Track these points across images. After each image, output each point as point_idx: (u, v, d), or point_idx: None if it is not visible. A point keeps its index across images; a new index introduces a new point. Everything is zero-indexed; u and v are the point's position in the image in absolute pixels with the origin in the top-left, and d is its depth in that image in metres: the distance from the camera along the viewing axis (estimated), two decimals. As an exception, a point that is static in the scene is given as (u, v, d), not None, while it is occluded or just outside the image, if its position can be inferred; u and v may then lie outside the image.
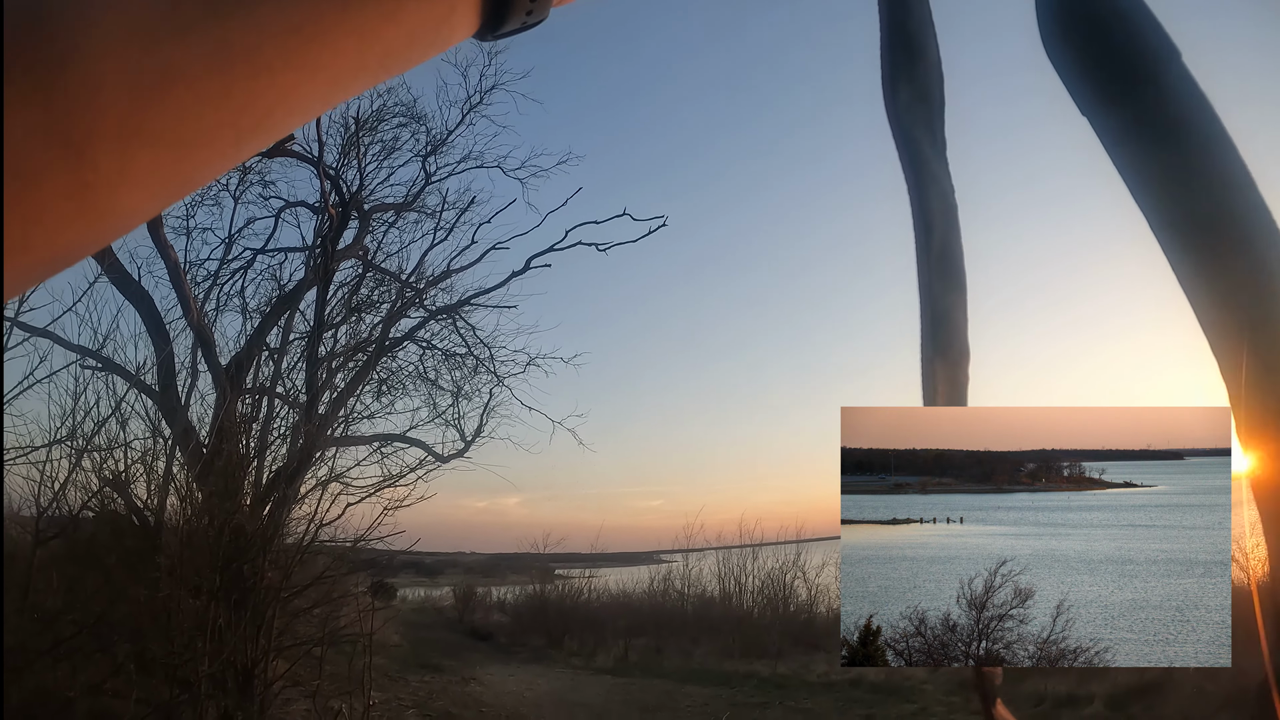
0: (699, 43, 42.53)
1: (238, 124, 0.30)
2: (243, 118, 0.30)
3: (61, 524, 5.83)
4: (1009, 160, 43.01)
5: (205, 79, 0.29)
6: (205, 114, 0.29)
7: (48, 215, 0.26)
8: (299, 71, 0.31)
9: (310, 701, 6.65)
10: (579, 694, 9.94)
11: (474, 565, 35.03)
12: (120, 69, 0.27)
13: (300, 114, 0.33)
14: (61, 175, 0.26)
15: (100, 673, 5.43)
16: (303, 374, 10.64)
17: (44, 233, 0.27)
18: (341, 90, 0.34)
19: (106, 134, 0.27)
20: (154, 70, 0.27)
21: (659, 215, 12.24)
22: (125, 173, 0.28)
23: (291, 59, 0.31)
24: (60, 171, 0.26)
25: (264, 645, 6.30)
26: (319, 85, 0.32)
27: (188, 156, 0.30)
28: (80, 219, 0.28)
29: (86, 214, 0.28)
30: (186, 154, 0.29)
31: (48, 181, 0.26)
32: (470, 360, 12.72)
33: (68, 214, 0.27)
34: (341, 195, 11.18)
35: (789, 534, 15.86)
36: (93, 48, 0.26)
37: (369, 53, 0.33)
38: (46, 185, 0.26)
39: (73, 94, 0.26)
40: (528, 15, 0.39)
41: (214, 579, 5.98)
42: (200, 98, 0.29)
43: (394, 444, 11.70)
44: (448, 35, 0.36)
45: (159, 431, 7.76)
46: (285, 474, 8.31)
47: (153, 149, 0.28)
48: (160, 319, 9.29)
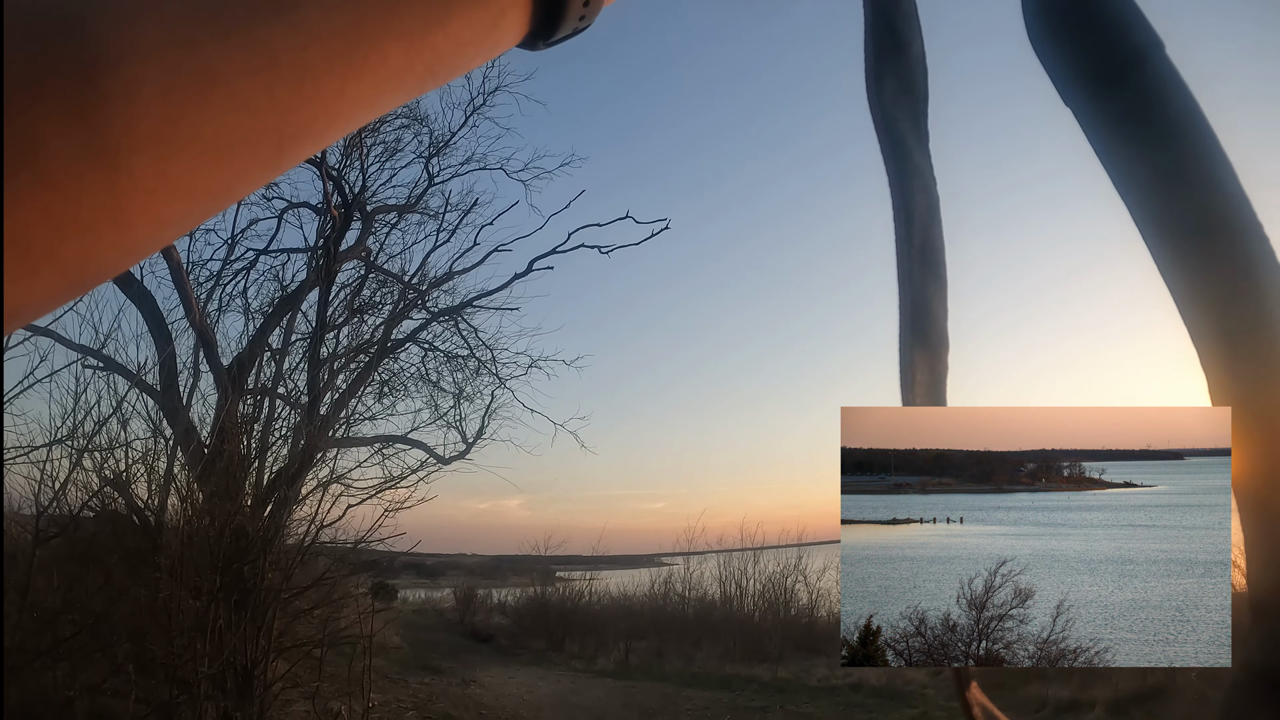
0: (702, 44, 42.59)
1: (280, 131, 0.29)
2: (285, 124, 0.29)
3: (62, 523, 5.83)
4: (1003, 157, 43.00)
5: (246, 84, 0.27)
6: (246, 120, 0.28)
7: (81, 226, 0.25)
8: (344, 77, 0.30)
9: (310, 703, 6.65)
10: (579, 697, 9.93)
11: (475, 567, 35.01)
12: (157, 73, 0.26)
13: (344, 122, 0.32)
14: (96, 184, 0.25)
15: (100, 673, 5.43)
16: (304, 375, 10.67)
17: (77, 244, 0.25)
18: (386, 97, 0.33)
19: (143, 141, 0.25)
20: (193, 74, 0.26)
21: (662, 218, 12.26)
22: (162, 181, 0.26)
23: (336, 64, 0.29)
24: (94, 180, 0.25)
25: (264, 646, 6.30)
26: (364, 91, 0.31)
27: (228, 164, 0.28)
28: (115, 230, 0.26)
29: (121, 224, 0.26)
30: (226, 162, 0.28)
31: (81, 190, 0.24)
32: (472, 362, 12.76)
33: (102, 224, 0.25)
34: (344, 196, 11.21)
35: (790, 537, 15.86)
36: (129, 51, 0.25)
37: (416, 59, 0.32)
38: (80, 194, 0.24)
39: (108, 99, 0.25)
40: (580, 21, 0.38)
41: (214, 579, 5.97)
42: (241, 103, 0.27)
43: (395, 445, 11.73)
44: (496, 42, 0.35)
45: (160, 431, 7.78)
46: (286, 475, 8.31)
47: (191, 156, 0.27)
48: (162, 319, 9.33)
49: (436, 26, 0.32)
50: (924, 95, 0.49)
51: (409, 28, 0.31)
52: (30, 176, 0.23)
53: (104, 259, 0.27)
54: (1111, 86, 0.39)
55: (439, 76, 0.34)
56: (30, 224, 0.24)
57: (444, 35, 0.33)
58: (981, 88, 16.71)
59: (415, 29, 0.32)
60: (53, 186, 0.24)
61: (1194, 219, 0.37)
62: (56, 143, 0.24)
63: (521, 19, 0.36)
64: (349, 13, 0.30)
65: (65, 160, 0.24)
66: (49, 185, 0.24)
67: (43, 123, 0.24)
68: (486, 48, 0.35)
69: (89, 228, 0.25)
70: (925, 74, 0.49)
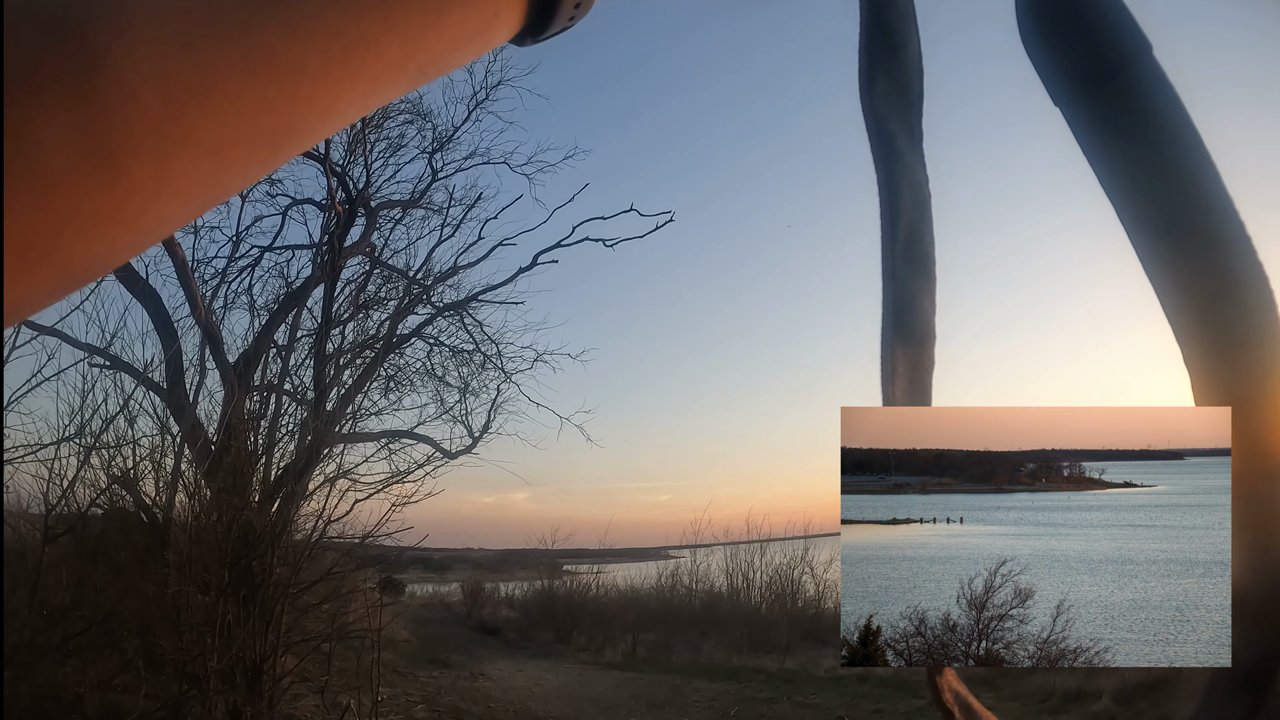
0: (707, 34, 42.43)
1: (276, 129, 0.29)
2: (281, 123, 0.29)
3: (70, 521, 5.87)
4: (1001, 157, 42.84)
5: (244, 84, 0.28)
6: (243, 119, 0.28)
7: (79, 225, 0.25)
8: (339, 77, 0.30)
9: (319, 697, 6.69)
10: (587, 689, 9.96)
11: (482, 561, 35.16)
12: (155, 73, 0.26)
13: (338, 119, 0.32)
14: (93, 182, 0.25)
15: (109, 668, 5.47)
16: (310, 371, 10.67)
17: (74, 242, 0.26)
18: (381, 96, 0.33)
19: (140, 140, 0.26)
20: (190, 75, 0.26)
21: (666, 211, 12.24)
22: (160, 179, 0.27)
23: (332, 64, 0.30)
24: (92, 179, 0.25)
25: (272, 641, 6.33)
26: (359, 90, 0.32)
27: (224, 163, 0.29)
28: (112, 227, 0.26)
29: (119, 222, 0.26)
30: (223, 160, 0.28)
31: (79, 189, 0.25)
32: (478, 356, 12.76)
33: (99, 223, 0.26)
34: (348, 192, 11.21)
35: (797, 529, 15.89)
36: (126, 52, 0.25)
37: (411, 59, 0.32)
38: (78, 194, 0.25)
39: (105, 99, 0.25)
40: (570, 18, 0.38)
41: (223, 575, 6.00)
42: (238, 103, 0.28)
43: (402, 440, 11.72)
44: (489, 40, 0.36)
45: (167, 429, 7.80)
46: (293, 470, 8.34)
47: (188, 155, 0.27)
48: (168, 316, 9.35)
49: (432, 26, 0.32)
50: (918, 95, 0.49)
51: (405, 28, 0.31)
52: (28, 176, 0.24)
53: (102, 256, 0.27)
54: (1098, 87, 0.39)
55: (431, 74, 0.34)
56: (28, 223, 0.24)
57: (439, 35, 0.33)
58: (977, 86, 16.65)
59: (411, 29, 0.32)
60: (51, 186, 0.24)
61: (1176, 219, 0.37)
62: (54, 142, 0.24)
63: (515, 17, 0.36)
64: (345, 13, 0.30)
65: (63, 160, 0.24)
66: (47, 185, 0.24)
67: (40, 122, 0.24)
68: (479, 45, 0.35)
69: (87, 226, 0.25)
70: (920, 74, 0.49)
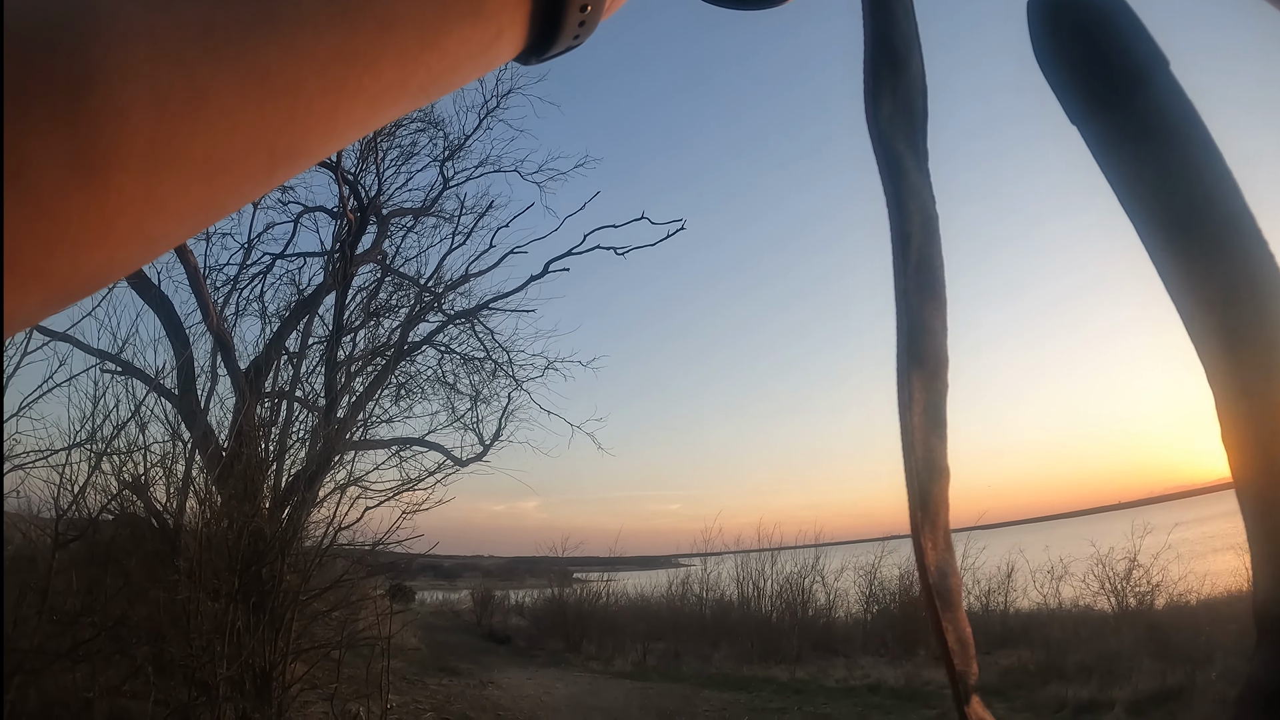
0: (717, 42, 42.45)
1: (272, 148, 0.29)
2: (277, 142, 0.29)
3: (81, 526, 5.89)
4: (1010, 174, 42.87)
5: (238, 102, 0.27)
6: (237, 138, 0.27)
7: (68, 242, 0.25)
8: (337, 96, 0.30)
9: (328, 704, 6.69)
10: (597, 698, 9.94)
11: (492, 568, 35.16)
12: (148, 90, 0.25)
13: (337, 139, 0.31)
14: (84, 200, 0.24)
15: (119, 674, 5.48)
16: (321, 378, 10.74)
17: (64, 260, 0.25)
18: (381, 115, 0.32)
19: (133, 158, 0.25)
20: (184, 92, 0.26)
21: (677, 219, 12.28)
22: (152, 198, 0.26)
23: (329, 83, 0.29)
24: (83, 196, 0.24)
25: (282, 648, 6.35)
26: (357, 110, 0.31)
27: (218, 182, 0.28)
28: (103, 245, 0.26)
29: (109, 240, 0.26)
30: (217, 179, 0.28)
31: (69, 207, 0.24)
32: (489, 364, 12.82)
33: (89, 240, 0.25)
34: (360, 200, 11.28)
35: (808, 538, 15.81)
36: (119, 69, 0.25)
37: (410, 78, 0.32)
38: (68, 211, 0.24)
39: (97, 116, 0.24)
40: (575, 36, 0.37)
41: (233, 582, 6.03)
42: (232, 121, 0.27)
43: (412, 448, 11.80)
44: (491, 60, 0.35)
45: (178, 435, 7.86)
46: (304, 477, 8.38)
47: (181, 173, 0.26)
48: (180, 323, 9.41)
49: (432, 46, 0.32)
50: (923, 114, 0.48)
51: (404, 48, 0.31)
52: (18, 193, 0.23)
53: (91, 274, 0.26)
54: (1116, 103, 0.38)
55: (432, 94, 0.34)
56: (17, 240, 0.24)
57: (439, 55, 0.32)
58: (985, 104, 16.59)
59: (410, 49, 0.31)
60: (40, 203, 0.24)
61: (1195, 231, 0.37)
62: (44, 159, 0.24)
63: (518, 37, 0.35)
64: (343, 33, 0.29)
65: (53, 177, 0.24)
66: (37, 202, 0.24)
67: (31, 139, 0.23)
68: (482, 65, 0.35)
69: (77, 244, 0.25)
70: (925, 93, 0.48)
